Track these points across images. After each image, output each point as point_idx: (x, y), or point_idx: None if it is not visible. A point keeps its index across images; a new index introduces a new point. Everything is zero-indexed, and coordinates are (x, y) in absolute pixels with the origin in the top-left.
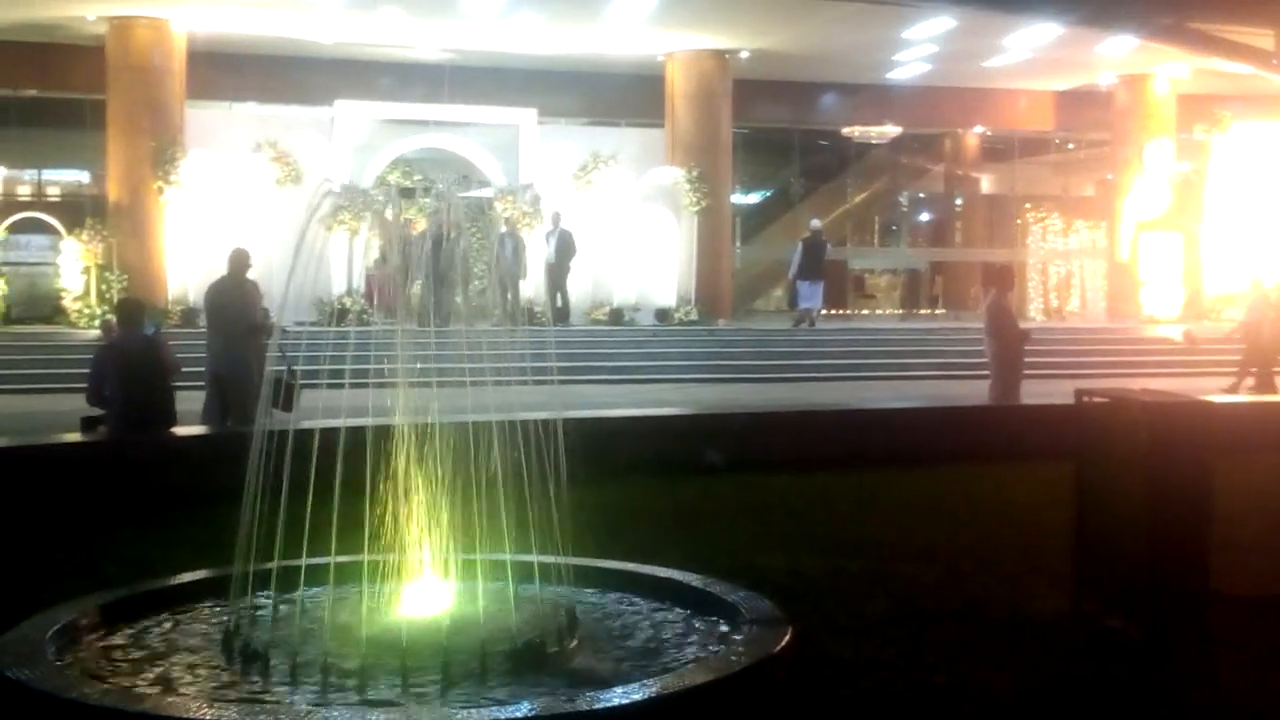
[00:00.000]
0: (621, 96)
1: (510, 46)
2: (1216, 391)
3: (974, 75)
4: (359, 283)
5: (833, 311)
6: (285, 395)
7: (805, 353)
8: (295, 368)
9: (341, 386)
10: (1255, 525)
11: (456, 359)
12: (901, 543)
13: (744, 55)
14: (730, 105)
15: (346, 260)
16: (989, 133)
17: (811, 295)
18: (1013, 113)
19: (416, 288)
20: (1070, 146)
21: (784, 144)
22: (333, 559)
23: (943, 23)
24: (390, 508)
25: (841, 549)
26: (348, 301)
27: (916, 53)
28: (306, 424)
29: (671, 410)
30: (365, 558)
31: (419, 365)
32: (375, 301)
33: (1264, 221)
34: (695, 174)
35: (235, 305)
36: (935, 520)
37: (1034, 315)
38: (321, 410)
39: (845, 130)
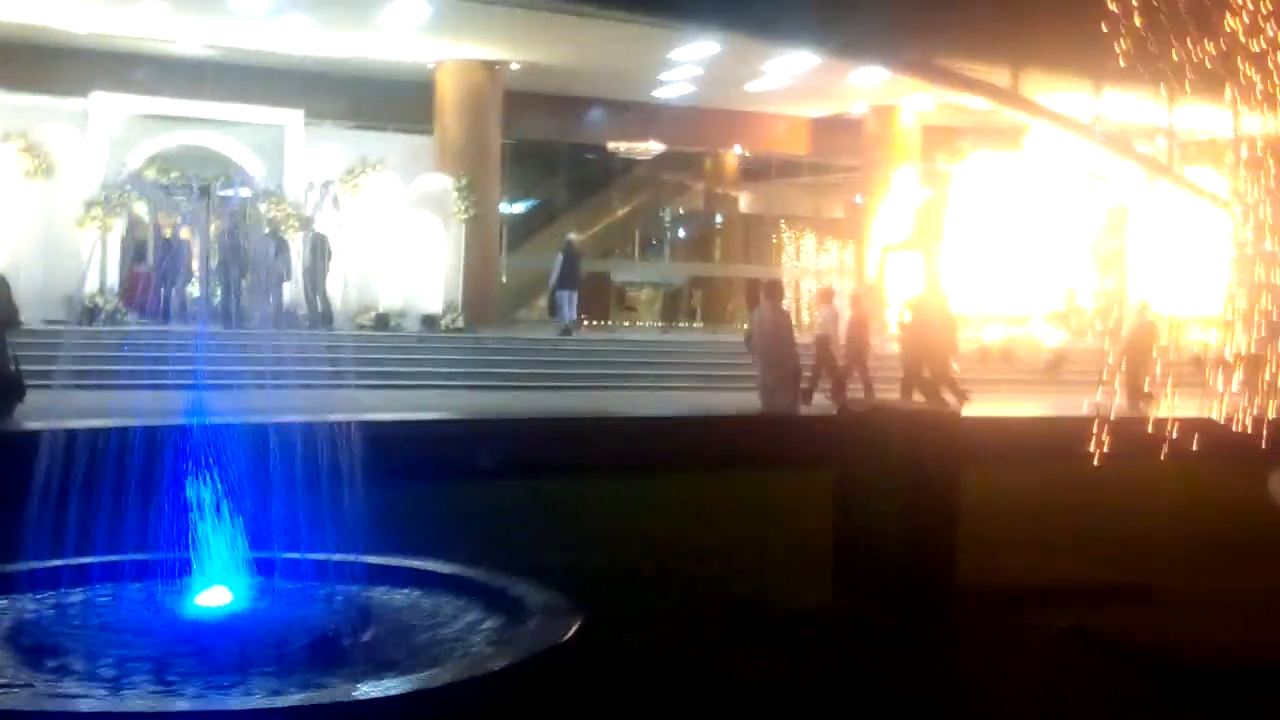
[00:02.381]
0: (390, 102)
1: (277, 46)
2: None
3: (736, 98)
4: (113, 280)
5: (595, 323)
6: (5, 397)
7: (570, 362)
8: (21, 368)
9: (115, 388)
10: (998, 527)
11: (230, 361)
12: (677, 542)
13: (514, 67)
14: (500, 116)
15: (100, 257)
16: (748, 154)
17: (570, 305)
18: (770, 136)
19: (190, 288)
20: (823, 171)
21: (551, 156)
22: (127, 557)
23: (708, 46)
24: (176, 508)
25: (619, 548)
26: (100, 300)
27: (682, 73)
28: (85, 424)
29: (446, 415)
30: (157, 556)
31: (197, 367)
32: (135, 300)
33: (998, 246)
34: (464, 183)
35: None
36: (708, 521)
37: None
38: (102, 411)
39: (611, 145)
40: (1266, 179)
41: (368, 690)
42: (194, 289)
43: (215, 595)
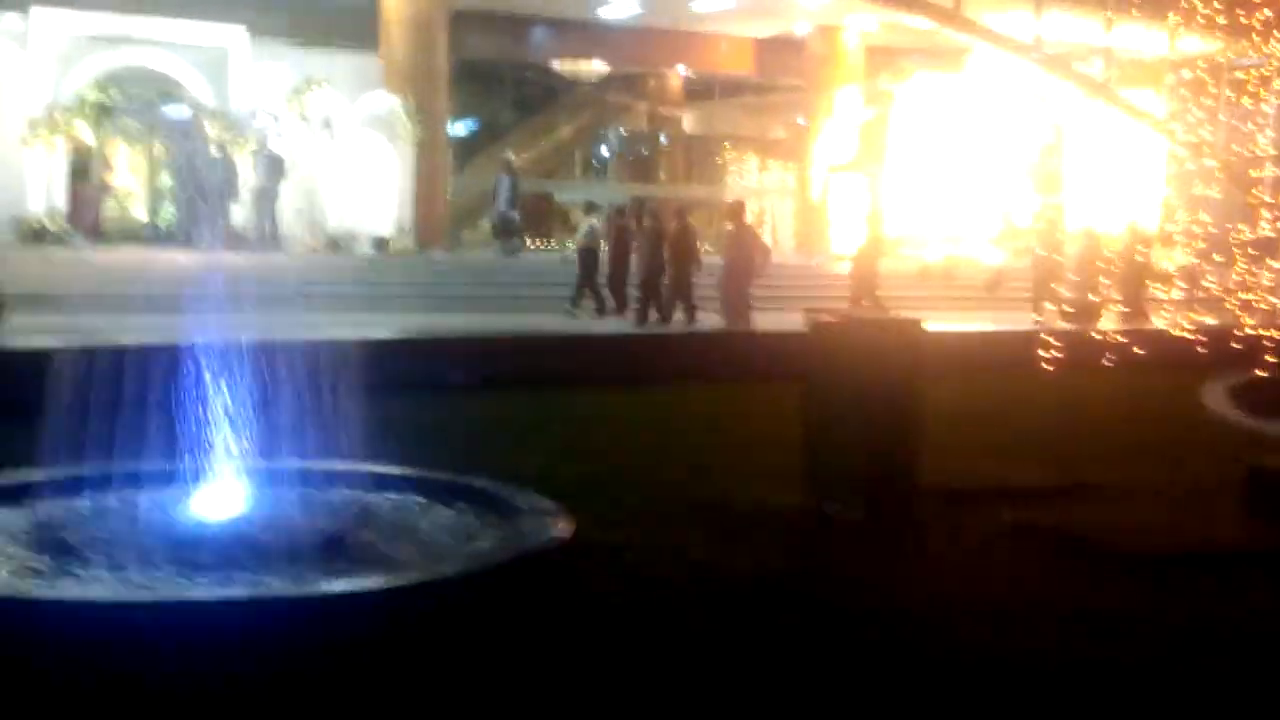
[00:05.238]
0: (335, 19)
1: None
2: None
3: (680, 18)
4: (58, 201)
5: (539, 244)
6: None
7: (520, 282)
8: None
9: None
10: (954, 433)
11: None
12: (647, 450)
13: None
14: (446, 35)
15: (45, 176)
16: (692, 74)
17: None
18: (714, 56)
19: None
20: (767, 91)
21: (495, 76)
22: (143, 465)
23: None
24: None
25: (591, 456)
26: (46, 221)
27: None
28: (95, 343)
29: (411, 333)
30: (174, 464)
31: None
32: (81, 222)
33: (937, 165)
34: (412, 104)
35: None
36: (677, 431)
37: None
38: (77, 330)
39: (555, 65)
40: (1204, 99)
41: (379, 582)
42: (135, 209)
43: (224, 500)
